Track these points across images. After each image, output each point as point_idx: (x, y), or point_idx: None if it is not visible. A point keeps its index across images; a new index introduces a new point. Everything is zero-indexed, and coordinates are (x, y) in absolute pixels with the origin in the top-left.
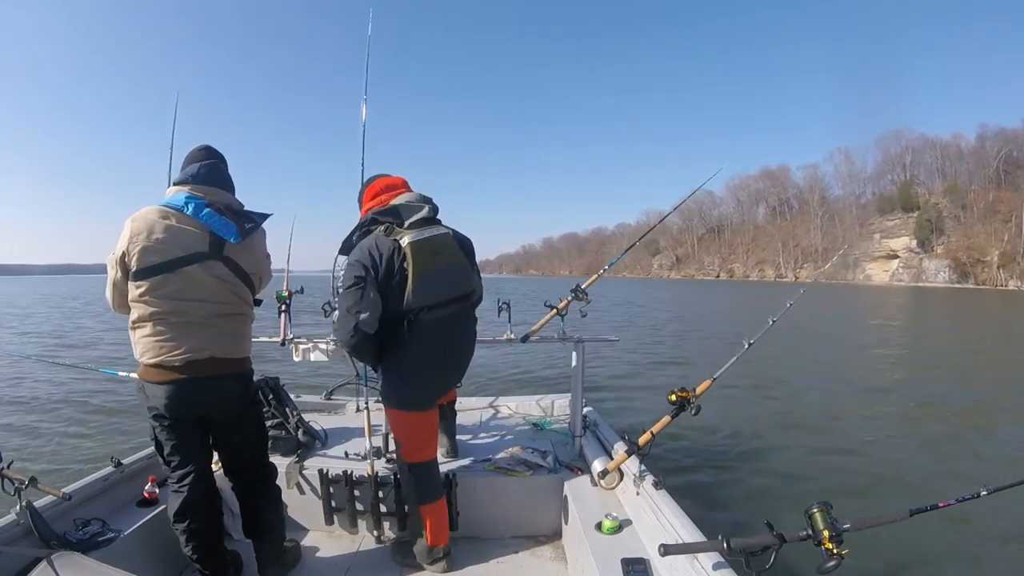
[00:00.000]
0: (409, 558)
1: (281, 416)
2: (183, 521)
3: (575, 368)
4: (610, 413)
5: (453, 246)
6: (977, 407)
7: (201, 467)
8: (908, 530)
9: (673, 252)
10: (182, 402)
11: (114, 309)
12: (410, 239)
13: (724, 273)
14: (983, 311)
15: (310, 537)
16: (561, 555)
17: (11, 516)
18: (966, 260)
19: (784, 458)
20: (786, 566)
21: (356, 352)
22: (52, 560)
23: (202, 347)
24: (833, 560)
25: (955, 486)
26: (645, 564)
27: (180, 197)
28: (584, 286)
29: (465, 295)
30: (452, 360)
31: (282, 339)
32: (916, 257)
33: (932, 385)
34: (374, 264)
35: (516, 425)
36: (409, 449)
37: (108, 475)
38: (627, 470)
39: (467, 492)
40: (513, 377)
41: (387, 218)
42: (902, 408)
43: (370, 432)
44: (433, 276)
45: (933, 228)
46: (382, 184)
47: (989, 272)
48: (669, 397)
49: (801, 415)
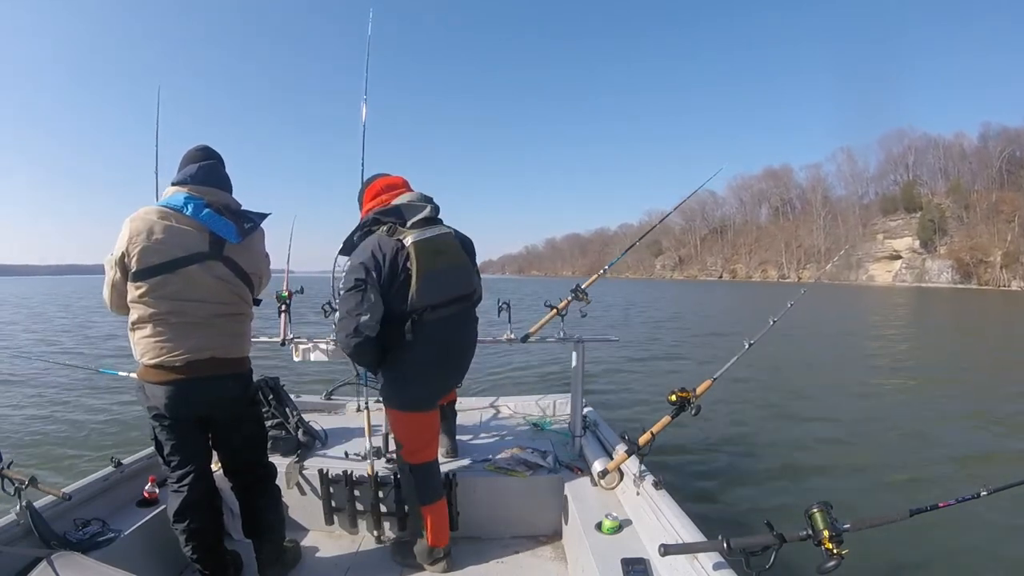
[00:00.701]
0: (409, 558)
1: (281, 416)
2: (183, 521)
3: (575, 368)
4: (610, 413)
5: (455, 246)
6: (977, 407)
7: (201, 467)
8: (908, 530)
9: (676, 253)
10: (182, 402)
11: (112, 310)
12: (413, 239)
13: (727, 274)
14: (985, 312)
15: (310, 537)
16: (561, 555)
17: (11, 516)
18: (969, 261)
19: (784, 458)
20: (786, 566)
21: (356, 355)
22: (52, 560)
23: (202, 347)
24: (833, 560)
25: (955, 486)
26: (645, 564)
27: (179, 197)
28: (584, 286)
29: (467, 295)
30: (454, 360)
31: (282, 339)
32: (919, 258)
33: (932, 385)
34: (377, 265)
35: (516, 425)
36: (410, 450)
37: (108, 475)
38: (627, 470)
39: (467, 492)
40: (513, 377)
41: (389, 218)
42: (902, 408)
43: (370, 432)
44: (437, 276)
45: (936, 228)
46: (383, 184)
47: (992, 273)
48: (669, 397)
49: (801, 415)
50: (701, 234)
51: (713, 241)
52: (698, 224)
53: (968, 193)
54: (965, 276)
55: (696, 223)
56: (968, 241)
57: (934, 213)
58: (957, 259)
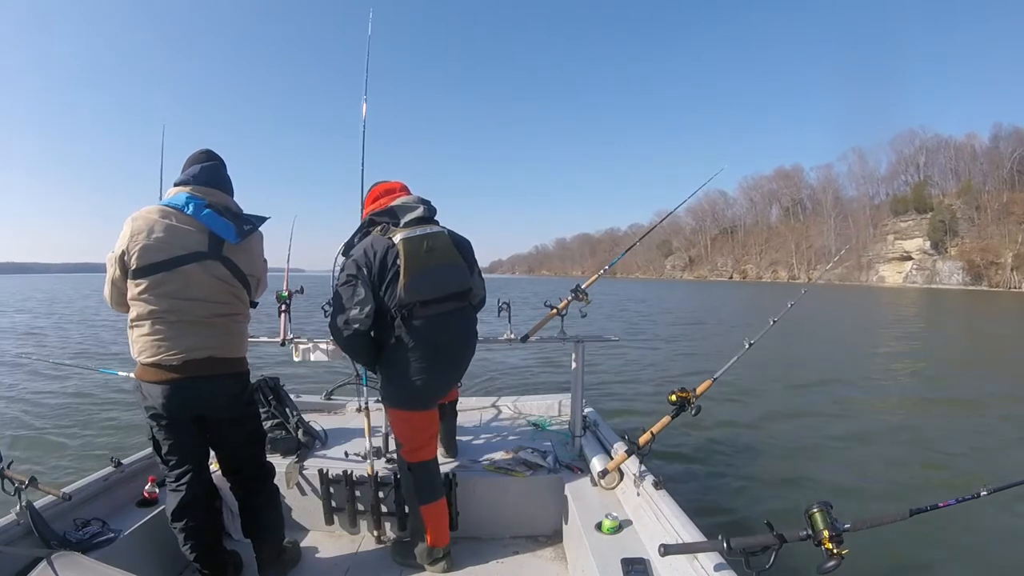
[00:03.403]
0: (409, 558)
1: (281, 416)
2: (181, 520)
3: (575, 368)
4: (610, 413)
5: (447, 243)
6: (978, 407)
7: (198, 466)
8: (908, 530)
9: (686, 253)
10: (179, 402)
11: (112, 307)
12: (403, 236)
13: (737, 274)
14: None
15: (310, 537)
16: (561, 555)
17: (11, 516)
18: (980, 262)
19: (784, 458)
20: (786, 566)
21: (350, 349)
22: (52, 560)
23: (200, 347)
24: (833, 560)
25: (955, 486)
26: (645, 564)
27: (181, 197)
28: (584, 286)
29: (460, 292)
30: (450, 359)
31: (282, 339)
32: (929, 259)
33: (933, 386)
34: (368, 262)
35: (516, 425)
36: (410, 449)
37: (108, 475)
38: (627, 470)
39: (467, 492)
40: (513, 377)
41: (384, 218)
42: (903, 408)
43: (370, 432)
44: (426, 271)
45: (947, 229)
46: (382, 188)
47: (1003, 274)
48: (669, 397)
49: (802, 415)
50: (712, 234)
51: (724, 241)
52: (708, 224)
53: (979, 194)
54: (976, 278)
55: (707, 223)
56: (979, 242)
57: (945, 214)
58: (968, 260)
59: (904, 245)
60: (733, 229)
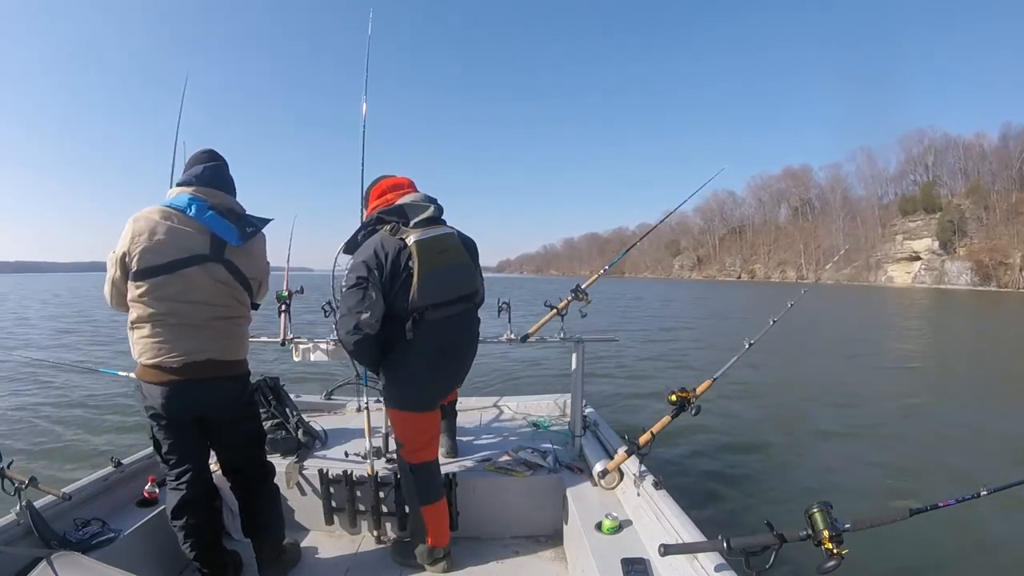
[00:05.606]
0: (409, 558)
1: (281, 416)
2: (181, 518)
3: (575, 368)
4: (610, 413)
5: (458, 245)
6: (978, 408)
7: (198, 465)
8: (908, 530)
9: (694, 253)
10: (178, 403)
11: (112, 306)
12: (416, 238)
13: (745, 274)
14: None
15: (310, 537)
16: (561, 555)
17: (11, 516)
18: (988, 262)
19: (784, 458)
20: (786, 566)
21: (356, 353)
22: (52, 560)
23: (200, 350)
24: (833, 560)
25: (955, 486)
26: (645, 564)
27: (183, 198)
28: (584, 286)
29: (469, 295)
30: (455, 360)
31: (282, 339)
32: (938, 259)
33: (933, 386)
34: (379, 264)
35: (516, 425)
36: (411, 449)
37: (108, 475)
38: (627, 470)
39: (467, 492)
40: (513, 377)
41: (392, 217)
42: (903, 408)
43: (370, 432)
44: (439, 275)
45: (955, 229)
46: (388, 184)
47: (1012, 275)
48: (669, 397)
49: (801, 415)
50: (720, 234)
51: (732, 241)
52: (717, 224)
53: (988, 194)
54: (984, 278)
55: (715, 223)
56: (987, 243)
57: (953, 214)
58: (976, 261)
59: (913, 245)
60: (741, 229)
